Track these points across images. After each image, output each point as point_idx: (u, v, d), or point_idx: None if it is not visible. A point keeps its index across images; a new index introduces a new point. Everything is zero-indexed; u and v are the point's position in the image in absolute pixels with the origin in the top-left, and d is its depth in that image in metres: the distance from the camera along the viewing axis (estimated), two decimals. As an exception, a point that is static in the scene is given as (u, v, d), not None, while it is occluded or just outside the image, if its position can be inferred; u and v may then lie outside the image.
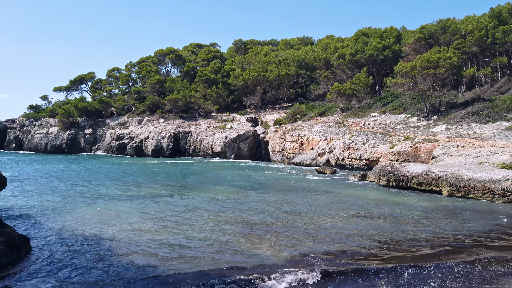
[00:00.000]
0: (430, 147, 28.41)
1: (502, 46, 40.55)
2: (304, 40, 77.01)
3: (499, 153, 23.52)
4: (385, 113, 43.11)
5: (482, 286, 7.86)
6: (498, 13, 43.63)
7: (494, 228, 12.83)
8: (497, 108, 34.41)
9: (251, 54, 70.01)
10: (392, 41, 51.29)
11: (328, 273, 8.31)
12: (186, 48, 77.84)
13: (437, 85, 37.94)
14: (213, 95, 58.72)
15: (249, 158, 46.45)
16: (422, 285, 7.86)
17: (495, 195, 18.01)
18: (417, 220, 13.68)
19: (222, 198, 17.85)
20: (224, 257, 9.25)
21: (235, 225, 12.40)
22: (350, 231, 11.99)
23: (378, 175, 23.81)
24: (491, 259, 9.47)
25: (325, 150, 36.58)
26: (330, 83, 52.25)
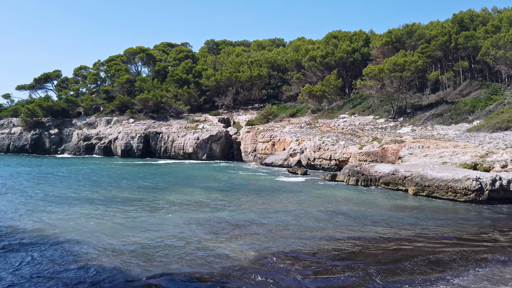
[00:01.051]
0: (397, 147, 29.35)
1: (464, 51, 42.45)
2: (276, 42, 77.62)
3: (461, 154, 24.62)
4: (354, 115, 44.15)
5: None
6: (460, 19, 45.69)
7: (448, 226, 13.44)
8: (459, 110, 36.02)
9: (223, 55, 69.85)
10: (361, 44, 52.59)
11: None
12: (157, 47, 76.65)
13: (404, 87, 39.24)
14: (185, 95, 58.15)
15: (221, 159, 46.33)
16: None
17: (457, 194, 18.84)
18: (381, 219, 14.11)
19: (193, 199, 17.74)
20: (189, 257, 9.24)
21: (204, 226, 12.36)
22: (316, 229, 12.23)
23: (347, 175, 24.35)
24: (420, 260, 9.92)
25: (296, 151, 37.02)
26: (302, 84, 52.93)
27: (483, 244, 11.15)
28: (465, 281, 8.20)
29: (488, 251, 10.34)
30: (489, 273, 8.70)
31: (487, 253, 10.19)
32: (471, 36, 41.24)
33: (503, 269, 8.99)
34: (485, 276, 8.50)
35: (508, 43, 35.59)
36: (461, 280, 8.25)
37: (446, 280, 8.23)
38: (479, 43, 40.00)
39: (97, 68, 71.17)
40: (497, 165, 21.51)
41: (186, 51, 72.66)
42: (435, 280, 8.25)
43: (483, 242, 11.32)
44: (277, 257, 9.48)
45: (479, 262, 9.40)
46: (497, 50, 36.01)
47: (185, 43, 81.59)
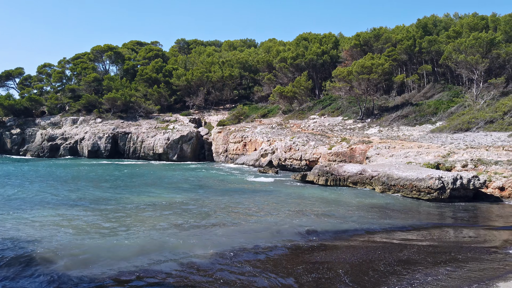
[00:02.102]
0: (364, 148, 30.15)
1: (428, 55, 44.19)
2: (247, 42, 77.78)
3: (424, 154, 25.63)
4: (324, 116, 44.98)
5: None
6: (424, 24, 47.53)
7: (407, 224, 14.01)
8: (423, 112, 37.47)
9: (194, 54, 69.25)
10: (330, 47, 53.61)
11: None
12: (125, 46, 74.94)
13: (371, 89, 40.38)
14: (155, 94, 57.22)
15: (192, 159, 45.93)
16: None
17: (421, 192, 19.62)
18: (348, 217, 14.49)
19: (162, 199, 17.52)
20: (155, 258, 9.17)
21: (170, 227, 12.23)
22: (284, 228, 12.40)
23: (317, 175, 24.79)
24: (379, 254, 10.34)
25: (267, 151, 37.28)
26: (273, 85, 53.33)
27: (443, 241, 11.69)
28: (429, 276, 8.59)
29: (449, 248, 10.85)
30: (448, 270, 9.15)
31: (449, 250, 10.70)
32: (434, 41, 42.99)
33: (463, 265, 9.48)
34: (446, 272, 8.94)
35: (469, 48, 37.37)
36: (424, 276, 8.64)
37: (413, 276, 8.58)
38: (442, 48, 41.75)
39: (63, 66, 68.71)
40: (458, 164, 22.56)
41: (156, 50, 71.47)
42: (405, 278, 8.58)
43: (442, 239, 11.87)
44: (238, 256, 9.54)
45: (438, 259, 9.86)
46: (458, 55, 37.72)
47: (155, 41, 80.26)
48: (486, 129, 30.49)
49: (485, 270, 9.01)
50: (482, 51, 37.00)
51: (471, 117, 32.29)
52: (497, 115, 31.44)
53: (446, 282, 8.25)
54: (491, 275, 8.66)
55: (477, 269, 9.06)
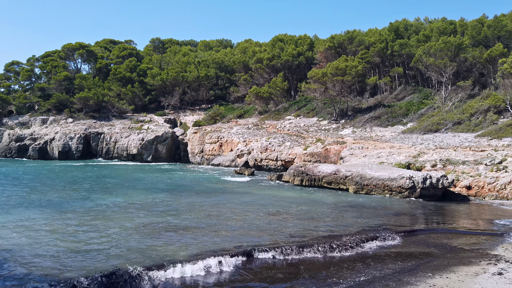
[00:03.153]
0: (338, 148, 30.70)
1: (399, 58, 45.47)
2: (223, 43, 77.60)
3: (396, 154, 26.36)
4: (299, 116, 45.48)
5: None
6: (396, 27, 48.86)
7: (380, 222, 14.42)
8: (395, 113, 38.52)
9: (169, 54, 68.48)
10: (305, 48, 54.26)
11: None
12: (98, 44, 73.21)
13: (345, 91, 41.16)
14: (129, 94, 56.21)
15: (167, 160, 45.39)
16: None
17: (393, 192, 20.18)
18: (322, 216, 14.74)
19: (133, 201, 17.21)
20: (129, 258, 9.06)
21: (142, 228, 12.07)
22: (260, 228, 12.49)
23: (292, 175, 25.04)
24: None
25: (243, 152, 37.34)
26: (249, 86, 53.47)
27: (415, 238, 12.09)
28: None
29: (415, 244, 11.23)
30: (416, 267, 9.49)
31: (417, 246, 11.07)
32: (405, 44, 44.28)
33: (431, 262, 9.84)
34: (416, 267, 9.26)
35: (438, 52, 38.72)
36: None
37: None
38: (413, 51, 43.06)
39: (32, 64, 66.36)
40: (428, 164, 23.33)
41: (130, 48, 70.19)
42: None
43: (414, 236, 12.27)
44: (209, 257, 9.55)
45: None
46: (428, 58, 39.01)
47: (129, 40, 78.76)
48: (454, 130, 31.68)
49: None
50: (451, 54, 38.40)
51: (440, 119, 33.46)
52: (464, 116, 32.72)
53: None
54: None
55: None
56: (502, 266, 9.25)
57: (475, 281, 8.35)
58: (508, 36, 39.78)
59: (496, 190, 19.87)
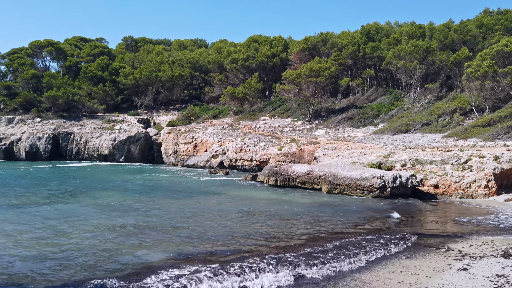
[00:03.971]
0: (312, 148, 31.13)
1: (371, 60, 46.57)
2: (198, 42, 77.03)
3: (368, 154, 26.99)
4: (274, 117, 45.80)
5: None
6: (367, 30, 50.02)
7: (355, 221, 14.78)
8: (366, 114, 39.44)
9: (142, 53, 67.32)
10: (280, 49, 54.68)
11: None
12: (68, 42, 71.04)
13: (319, 92, 41.78)
14: (100, 93, 54.86)
15: (140, 161, 44.62)
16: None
17: (365, 191, 20.66)
18: (295, 216, 14.94)
19: (108, 203, 16.86)
20: (100, 265, 8.88)
21: (119, 231, 11.86)
22: (233, 228, 12.53)
23: (267, 175, 25.18)
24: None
25: (218, 152, 37.22)
26: (224, 86, 53.36)
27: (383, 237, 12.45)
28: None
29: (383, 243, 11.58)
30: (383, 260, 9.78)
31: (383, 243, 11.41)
32: (377, 47, 45.42)
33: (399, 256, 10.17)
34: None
35: (408, 55, 39.93)
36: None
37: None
38: (384, 54, 44.22)
39: (-4, 61, 63.64)
40: (398, 164, 24.04)
41: (101, 47, 68.52)
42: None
43: (382, 235, 12.63)
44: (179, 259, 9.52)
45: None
46: (398, 61, 40.18)
47: (101, 38, 76.89)
48: (423, 130, 32.77)
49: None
50: (419, 57, 39.69)
51: (410, 120, 34.53)
52: (432, 118, 33.90)
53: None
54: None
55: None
56: (467, 262, 9.67)
57: (441, 277, 8.69)
58: (473, 41, 41.53)
59: (461, 188, 20.72)
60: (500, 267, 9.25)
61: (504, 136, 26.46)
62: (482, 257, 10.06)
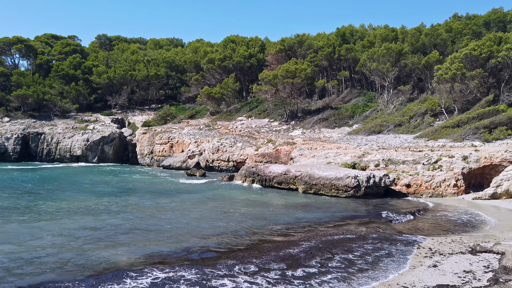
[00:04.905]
0: (289, 149, 31.38)
1: (346, 62, 47.37)
2: (174, 42, 76.19)
3: (342, 154, 27.47)
4: (251, 117, 45.88)
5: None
6: (342, 33, 50.86)
7: (329, 220, 15.04)
8: (341, 115, 40.10)
9: (117, 51, 65.97)
10: (257, 50, 54.81)
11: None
12: (38, 39, 68.72)
13: (295, 93, 42.16)
14: (73, 92, 53.38)
15: (115, 162, 43.70)
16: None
17: (339, 191, 21.02)
18: (271, 216, 15.05)
19: (78, 206, 16.43)
20: (71, 266, 8.71)
21: (85, 233, 11.62)
22: (208, 229, 12.51)
23: (244, 175, 25.23)
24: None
25: (195, 153, 36.95)
26: (201, 86, 53.00)
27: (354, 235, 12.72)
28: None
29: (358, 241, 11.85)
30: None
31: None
32: (351, 49, 46.25)
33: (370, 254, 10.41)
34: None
35: (381, 57, 40.85)
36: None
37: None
38: (358, 56, 45.07)
39: (-39, 58, 60.85)
40: (372, 164, 24.59)
41: (74, 44, 66.65)
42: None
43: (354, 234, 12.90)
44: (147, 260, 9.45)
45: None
46: (372, 63, 41.04)
47: (73, 36, 74.81)
48: (395, 131, 33.63)
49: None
50: (392, 60, 40.69)
51: (383, 121, 35.36)
52: (404, 119, 34.83)
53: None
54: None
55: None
56: (436, 259, 10.02)
57: (412, 274, 8.97)
58: (443, 44, 42.93)
59: (432, 187, 21.41)
60: (468, 263, 9.63)
61: (472, 137, 27.51)
62: (451, 254, 10.45)
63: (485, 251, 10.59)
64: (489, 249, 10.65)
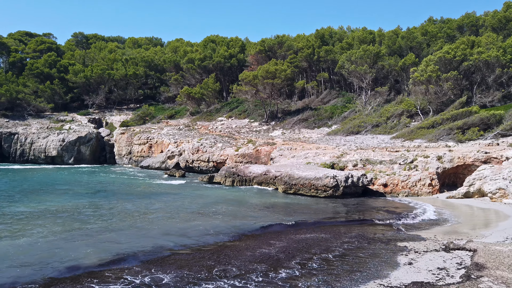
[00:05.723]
0: (269, 149, 31.51)
1: (325, 63, 47.95)
2: (153, 41, 75.28)
3: (322, 154, 27.78)
4: (231, 118, 45.81)
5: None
6: (322, 34, 51.43)
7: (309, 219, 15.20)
8: (321, 116, 40.56)
9: (94, 50, 64.63)
10: (237, 51, 54.78)
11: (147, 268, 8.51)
12: (12, 36, 66.57)
13: (275, 93, 42.38)
14: (48, 91, 51.96)
15: (92, 162, 42.79)
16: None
17: (319, 190, 21.25)
18: (250, 216, 15.09)
19: (53, 208, 15.98)
20: (36, 267, 8.54)
21: (61, 238, 11.36)
22: (188, 230, 12.44)
23: (224, 176, 25.18)
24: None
25: (174, 153, 36.61)
26: (180, 86, 52.55)
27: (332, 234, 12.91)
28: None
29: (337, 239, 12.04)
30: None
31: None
32: (330, 51, 46.85)
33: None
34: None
35: (359, 59, 41.53)
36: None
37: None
38: (337, 57, 45.69)
39: None
40: (350, 164, 24.97)
41: (49, 42, 64.91)
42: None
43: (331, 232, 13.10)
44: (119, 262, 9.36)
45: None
46: (350, 64, 41.69)
47: (48, 33, 72.80)
48: (373, 132, 34.26)
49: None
50: (370, 62, 41.44)
51: (361, 121, 35.97)
52: (381, 120, 35.54)
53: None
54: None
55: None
56: (412, 257, 10.26)
57: (389, 271, 9.17)
58: (418, 47, 44.02)
59: (408, 187, 21.93)
60: (442, 260, 9.91)
61: (446, 137, 28.33)
62: (426, 252, 10.73)
63: (458, 248, 10.92)
64: (462, 246, 11.00)
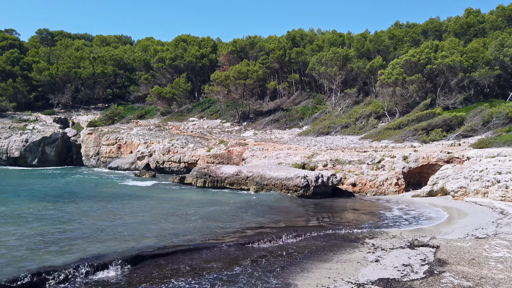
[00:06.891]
0: (241, 150, 31.56)
1: (296, 65, 48.53)
2: (122, 39, 73.64)
3: (293, 155, 28.12)
4: (203, 118, 45.53)
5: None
6: (293, 36, 52.04)
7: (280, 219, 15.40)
8: (292, 117, 41.04)
9: (60, 47, 62.45)
10: (209, 51, 54.51)
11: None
12: (-30, 31, 63.33)
13: (247, 94, 42.51)
14: (10, 90, 49.72)
15: (57, 164, 41.31)
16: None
17: (290, 190, 21.51)
18: (222, 216, 15.10)
19: (16, 211, 15.34)
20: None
21: (24, 241, 10.96)
22: (159, 231, 12.31)
23: (195, 177, 25.00)
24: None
25: (144, 154, 35.98)
26: (151, 85, 51.67)
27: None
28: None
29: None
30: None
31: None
32: (301, 52, 47.48)
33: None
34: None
35: (329, 61, 42.32)
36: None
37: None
38: (308, 59, 46.36)
39: None
40: (320, 164, 25.42)
41: (11, 39, 62.18)
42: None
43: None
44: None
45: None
46: (321, 66, 42.41)
47: (11, 29, 69.68)
48: (342, 132, 35.03)
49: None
50: (340, 64, 42.33)
51: (331, 122, 36.68)
52: (350, 121, 36.38)
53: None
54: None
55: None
56: (378, 254, 10.61)
57: (356, 268, 9.45)
58: (386, 50, 45.39)
59: (376, 186, 22.59)
60: (407, 257, 10.31)
61: (412, 138, 29.38)
62: (392, 249, 11.12)
63: (422, 245, 11.39)
64: (426, 243, 11.47)
